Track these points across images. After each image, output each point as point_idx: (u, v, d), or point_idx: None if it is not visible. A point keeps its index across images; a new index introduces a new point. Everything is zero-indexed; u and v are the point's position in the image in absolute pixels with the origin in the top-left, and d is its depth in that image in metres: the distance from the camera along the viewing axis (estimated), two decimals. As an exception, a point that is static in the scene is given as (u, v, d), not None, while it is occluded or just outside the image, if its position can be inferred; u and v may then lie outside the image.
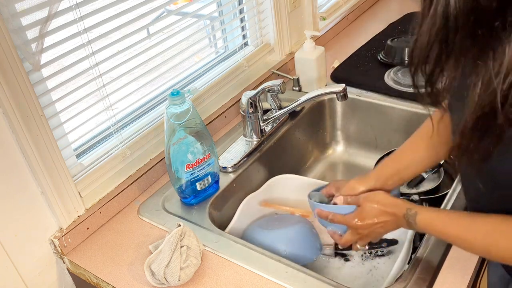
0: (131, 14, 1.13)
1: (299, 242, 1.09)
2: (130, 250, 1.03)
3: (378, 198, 0.89)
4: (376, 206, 0.88)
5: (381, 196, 0.90)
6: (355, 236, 0.92)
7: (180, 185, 1.11)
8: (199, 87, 1.37)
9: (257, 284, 0.92)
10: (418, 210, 0.83)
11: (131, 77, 1.18)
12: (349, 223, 0.91)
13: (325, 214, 0.95)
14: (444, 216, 0.82)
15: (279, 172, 1.28)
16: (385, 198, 0.89)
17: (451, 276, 0.88)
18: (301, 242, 1.09)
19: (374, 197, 0.90)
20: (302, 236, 1.10)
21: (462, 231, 0.78)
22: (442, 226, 0.81)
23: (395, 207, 0.87)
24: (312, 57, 1.46)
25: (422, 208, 0.84)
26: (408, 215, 0.84)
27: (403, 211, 0.85)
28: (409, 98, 1.40)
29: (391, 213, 0.87)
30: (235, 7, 1.46)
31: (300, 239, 1.10)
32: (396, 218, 0.86)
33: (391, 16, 1.92)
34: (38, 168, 0.96)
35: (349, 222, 0.91)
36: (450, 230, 0.80)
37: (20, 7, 0.90)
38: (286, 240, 1.07)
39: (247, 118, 1.28)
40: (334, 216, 0.93)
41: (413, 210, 0.84)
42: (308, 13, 1.68)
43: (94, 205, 1.08)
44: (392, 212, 0.87)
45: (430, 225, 0.82)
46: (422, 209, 0.84)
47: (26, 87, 0.90)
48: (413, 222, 0.83)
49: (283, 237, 1.08)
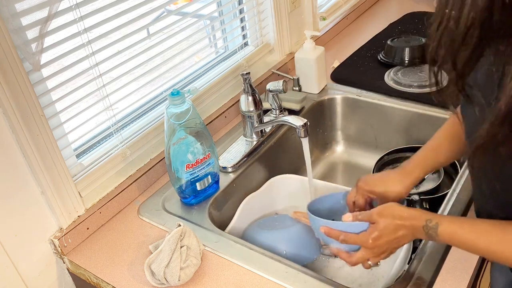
0: (131, 14, 1.13)
1: (299, 242, 1.09)
2: (130, 250, 1.03)
3: (394, 212, 0.82)
4: (393, 221, 0.81)
5: (396, 209, 0.82)
6: (369, 254, 0.84)
7: (180, 185, 1.11)
8: (199, 87, 1.37)
9: (257, 284, 0.92)
10: (439, 221, 0.77)
11: (131, 77, 1.18)
12: (364, 243, 0.83)
13: (335, 233, 0.85)
14: (469, 227, 0.76)
15: (279, 172, 1.28)
16: (402, 210, 0.82)
17: (451, 276, 0.88)
18: (301, 242, 1.09)
19: (390, 211, 0.83)
20: (302, 236, 1.10)
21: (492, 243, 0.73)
22: (469, 238, 0.76)
23: (413, 220, 0.80)
24: (312, 57, 1.46)
25: (442, 219, 0.78)
26: (428, 226, 0.78)
27: (422, 223, 0.79)
28: (409, 98, 1.40)
29: (409, 226, 0.80)
30: (235, 7, 1.46)
31: (300, 239, 1.10)
32: (414, 231, 0.80)
33: (391, 16, 1.92)
34: (38, 168, 0.96)
35: (365, 242, 0.82)
36: (478, 243, 0.75)
37: (20, 7, 0.90)
38: (286, 241, 1.07)
39: (247, 118, 1.28)
40: (346, 236, 0.84)
41: (434, 221, 0.78)
42: (308, 13, 1.68)
43: (94, 205, 1.08)
44: (410, 225, 0.80)
45: (454, 237, 0.77)
46: (443, 220, 0.78)
47: (26, 87, 0.90)
48: (434, 234, 0.77)
49: (283, 237, 1.08)
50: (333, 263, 1.11)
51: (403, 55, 1.54)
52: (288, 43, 1.61)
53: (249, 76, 1.24)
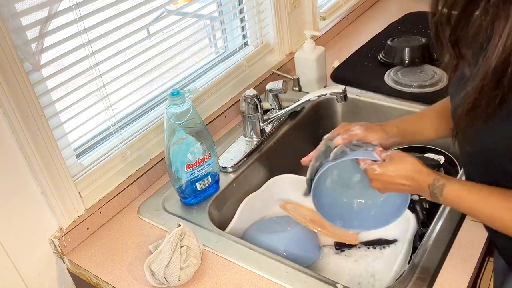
0: (131, 14, 1.13)
1: (299, 244, 1.09)
2: (130, 250, 1.03)
3: (410, 160, 0.84)
4: (405, 167, 0.83)
5: (412, 160, 0.84)
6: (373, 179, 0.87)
7: (180, 185, 1.11)
8: (199, 87, 1.37)
9: (257, 284, 0.92)
10: (446, 182, 0.79)
11: (131, 77, 1.18)
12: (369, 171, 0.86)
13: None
14: (476, 193, 0.78)
15: (279, 172, 1.28)
16: (415, 162, 0.83)
17: (451, 276, 0.88)
18: (301, 245, 1.09)
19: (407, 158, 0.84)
20: (301, 239, 1.10)
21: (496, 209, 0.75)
22: (475, 202, 0.77)
23: (422, 175, 0.82)
24: (312, 57, 1.46)
25: (450, 181, 0.80)
26: (435, 185, 0.79)
27: (429, 181, 0.80)
28: (409, 98, 1.40)
29: (417, 179, 0.82)
30: (235, 7, 1.46)
31: (299, 241, 1.10)
32: (419, 186, 0.82)
33: (391, 16, 1.92)
34: (38, 168, 0.96)
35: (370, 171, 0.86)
36: (483, 208, 0.76)
37: (20, 7, 0.90)
38: (286, 243, 1.07)
39: (247, 118, 1.28)
40: (363, 160, 0.88)
41: (441, 181, 0.79)
42: (308, 13, 1.68)
43: (94, 205, 1.09)
44: (418, 178, 0.82)
45: (459, 200, 0.79)
46: (451, 182, 0.79)
47: (26, 87, 0.90)
48: (439, 194, 0.79)
49: (283, 240, 1.08)
50: (333, 263, 1.11)
51: (403, 55, 1.54)
52: (288, 43, 1.61)
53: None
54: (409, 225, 1.05)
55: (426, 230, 1.01)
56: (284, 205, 1.17)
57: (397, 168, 0.84)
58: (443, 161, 1.29)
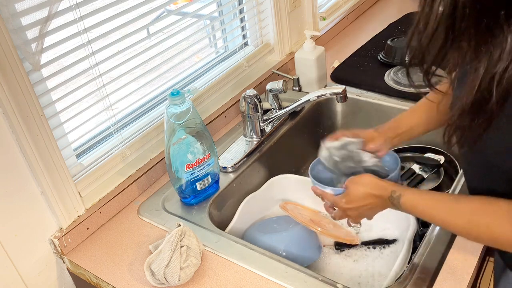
0: (131, 14, 1.13)
1: (299, 244, 1.09)
2: (130, 250, 1.03)
3: (364, 181, 0.91)
4: (362, 189, 0.90)
5: (367, 179, 0.92)
6: (343, 215, 0.97)
7: (180, 185, 1.11)
8: (199, 87, 1.37)
9: (257, 284, 0.92)
10: (402, 193, 0.85)
11: (131, 77, 1.18)
12: (337, 204, 0.95)
13: (319, 192, 0.99)
14: (429, 199, 0.84)
15: (279, 172, 1.28)
16: (371, 181, 0.91)
17: (451, 276, 0.88)
18: (301, 245, 1.09)
19: (360, 180, 0.92)
20: (301, 239, 1.10)
21: (446, 213, 0.80)
22: (427, 208, 0.83)
23: (380, 190, 0.89)
24: (312, 57, 1.46)
25: (406, 191, 0.86)
26: (393, 197, 0.86)
27: (388, 193, 0.87)
28: (409, 98, 1.40)
29: (377, 195, 0.89)
30: (235, 7, 1.46)
31: (299, 241, 1.09)
32: (382, 200, 0.88)
33: (391, 16, 1.92)
34: (38, 168, 0.96)
35: (338, 203, 0.95)
36: (434, 213, 0.82)
37: (20, 7, 0.90)
38: (286, 243, 1.07)
39: (247, 118, 1.28)
40: (324, 194, 0.97)
41: (398, 192, 0.86)
42: (308, 13, 1.68)
43: (94, 205, 1.08)
44: (378, 194, 0.89)
45: (414, 207, 0.85)
46: (406, 192, 0.86)
47: (26, 87, 0.90)
48: (398, 204, 0.86)
49: (283, 240, 1.08)
50: (333, 263, 1.11)
51: (403, 55, 1.54)
52: (288, 43, 1.61)
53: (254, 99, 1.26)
54: (409, 225, 1.05)
55: (426, 230, 1.01)
56: (284, 205, 1.17)
57: (354, 193, 0.91)
58: (443, 161, 1.29)
